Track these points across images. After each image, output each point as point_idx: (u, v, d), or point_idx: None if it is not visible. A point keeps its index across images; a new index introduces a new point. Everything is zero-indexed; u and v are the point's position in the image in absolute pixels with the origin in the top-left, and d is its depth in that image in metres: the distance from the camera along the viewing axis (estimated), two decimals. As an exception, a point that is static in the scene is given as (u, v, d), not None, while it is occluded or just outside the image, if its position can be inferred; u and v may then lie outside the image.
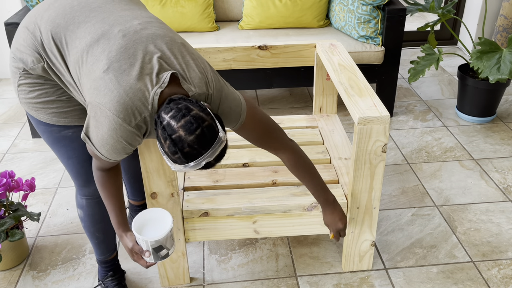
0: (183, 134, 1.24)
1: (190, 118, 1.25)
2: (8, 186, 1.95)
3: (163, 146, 1.28)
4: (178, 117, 1.25)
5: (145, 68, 1.31)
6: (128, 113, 1.30)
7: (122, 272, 1.93)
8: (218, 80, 1.44)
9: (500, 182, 2.52)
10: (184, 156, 1.26)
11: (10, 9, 3.48)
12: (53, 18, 1.41)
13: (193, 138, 1.24)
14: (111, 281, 1.89)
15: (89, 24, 1.38)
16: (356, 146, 1.68)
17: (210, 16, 3.04)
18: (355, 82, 1.85)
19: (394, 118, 3.14)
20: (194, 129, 1.24)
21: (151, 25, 1.40)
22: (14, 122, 3.15)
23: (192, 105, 1.28)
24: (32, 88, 1.49)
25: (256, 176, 1.95)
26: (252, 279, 1.97)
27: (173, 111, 1.26)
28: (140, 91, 1.30)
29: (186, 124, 1.24)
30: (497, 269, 2.01)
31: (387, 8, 2.80)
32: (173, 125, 1.25)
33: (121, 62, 1.31)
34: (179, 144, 1.25)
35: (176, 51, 1.37)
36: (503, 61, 2.63)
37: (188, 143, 1.24)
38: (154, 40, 1.36)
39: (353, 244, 1.91)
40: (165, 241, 1.46)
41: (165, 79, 1.31)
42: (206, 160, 1.28)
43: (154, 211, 1.53)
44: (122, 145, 1.34)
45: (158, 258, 1.49)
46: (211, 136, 1.27)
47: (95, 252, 1.85)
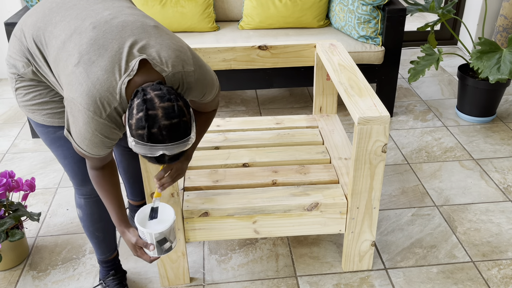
0: (160, 114, 1.22)
1: (175, 105, 1.24)
2: (8, 186, 1.95)
3: (131, 116, 1.25)
4: (165, 98, 1.24)
5: (115, 58, 1.30)
6: (97, 105, 1.29)
7: (123, 272, 1.93)
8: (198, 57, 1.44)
9: (500, 182, 2.53)
10: (148, 135, 1.23)
11: (10, 9, 3.48)
12: (34, 22, 1.44)
13: (167, 123, 1.23)
14: (112, 280, 1.89)
15: (64, 22, 1.39)
16: (356, 146, 1.68)
17: (210, 16, 3.04)
18: (355, 82, 1.85)
19: (394, 118, 3.14)
20: (173, 116, 1.23)
21: (121, 13, 1.39)
22: (14, 122, 3.15)
23: (180, 98, 1.28)
24: (27, 91, 1.52)
25: (256, 176, 1.95)
26: (252, 279, 1.97)
27: (161, 91, 1.25)
28: (108, 82, 1.28)
29: (169, 108, 1.23)
30: (497, 269, 2.01)
31: (387, 8, 2.80)
32: (155, 102, 1.23)
33: (90, 54, 1.30)
34: (150, 122, 1.22)
35: (148, 34, 1.36)
36: (503, 61, 2.63)
37: (160, 125, 1.22)
38: (124, 27, 1.35)
39: (353, 244, 1.91)
40: (168, 233, 1.46)
41: (133, 67, 1.30)
42: (164, 151, 1.25)
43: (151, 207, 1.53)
44: (99, 139, 1.34)
45: (162, 251, 1.49)
46: (184, 132, 1.26)
47: (96, 252, 1.86)
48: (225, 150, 2.11)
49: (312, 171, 1.98)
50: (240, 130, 2.27)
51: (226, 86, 2.93)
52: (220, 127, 2.29)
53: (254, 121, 2.34)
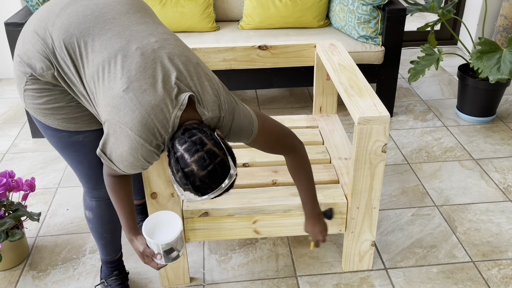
0: (195, 169, 1.27)
1: (203, 154, 1.27)
2: (8, 186, 1.95)
3: (174, 175, 1.31)
4: (192, 151, 1.27)
5: (165, 89, 1.31)
6: (150, 134, 1.31)
7: (126, 273, 1.93)
8: (230, 100, 1.44)
9: (500, 182, 2.53)
10: (195, 188, 1.29)
11: (10, 9, 3.48)
12: (66, 26, 1.37)
13: (205, 173, 1.27)
14: (115, 280, 1.89)
15: (105, 37, 1.35)
16: (356, 146, 1.68)
17: (210, 16, 3.04)
18: (355, 82, 1.85)
19: (394, 118, 3.14)
20: (206, 165, 1.27)
21: (167, 43, 1.39)
22: (14, 122, 3.15)
23: (206, 138, 1.30)
24: (40, 94, 1.45)
25: (256, 176, 1.95)
26: (252, 279, 1.97)
27: (187, 144, 1.28)
28: (162, 113, 1.30)
29: (199, 159, 1.27)
30: (497, 269, 2.01)
31: (387, 8, 2.80)
32: (186, 159, 1.27)
33: (141, 82, 1.30)
34: (190, 178, 1.28)
35: (192, 71, 1.37)
36: (503, 61, 2.63)
37: (200, 177, 1.27)
38: (172, 59, 1.35)
39: (353, 244, 1.91)
40: (175, 243, 1.47)
41: (183, 101, 1.31)
42: (215, 194, 1.32)
43: (164, 214, 1.54)
44: (141, 163, 1.36)
45: (169, 260, 1.50)
46: (222, 172, 1.30)
47: (101, 252, 1.85)
48: (225, 150, 2.11)
49: (312, 171, 1.98)
50: (240, 130, 2.27)
51: (226, 86, 2.93)
52: (220, 127, 2.29)
53: (254, 121, 2.34)
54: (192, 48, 2.21)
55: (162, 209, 1.75)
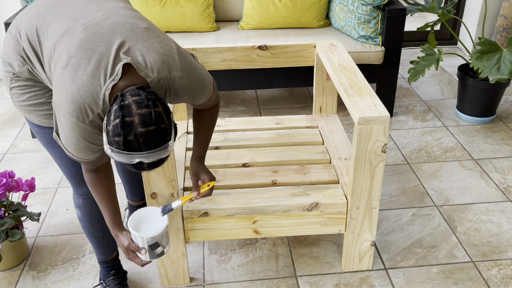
0: (136, 121, 1.19)
1: (152, 112, 1.21)
2: (8, 186, 1.95)
3: (109, 122, 1.22)
4: (142, 104, 1.20)
5: (101, 62, 1.27)
6: (80, 111, 1.26)
7: (124, 272, 1.93)
8: (186, 60, 1.39)
9: (500, 182, 2.53)
10: (124, 143, 1.21)
11: (10, 9, 3.48)
12: (29, 20, 1.41)
13: (143, 131, 1.20)
14: (113, 280, 1.89)
15: (58, 21, 1.36)
16: (356, 146, 1.68)
17: (210, 16, 3.04)
18: (355, 82, 1.85)
19: (394, 118, 3.14)
20: (150, 123, 1.20)
21: (113, 15, 1.36)
22: (14, 122, 3.15)
23: (160, 103, 1.24)
24: (22, 91, 1.49)
25: (256, 176, 1.95)
26: (252, 279, 1.97)
27: (140, 97, 1.21)
28: (92, 87, 1.26)
29: (146, 114, 1.20)
30: (497, 269, 2.01)
31: (387, 8, 2.80)
32: (132, 108, 1.20)
33: (78, 57, 1.28)
34: (126, 129, 1.20)
35: (137, 37, 1.32)
36: (503, 61, 2.63)
37: (136, 133, 1.20)
38: (114, 29, 1.31)
39: (353, 244, 1.91)
40: (160, 238, 1.46)
41: (118, 71, 1.26)
42: (141, 159, 1.23)
43: (150, 209, 1.53)
44: (83, 144, 1.32)
45: (154, 255, 1.48)
46: (161, 139, 1.23)
47: (96, 252, 1.85)
48: (225, 150, 2.11)
49: (312, 171, 1.98)
50: (240, 130, 2.27)
51: (226, 86, 2.93)
52: (220, 127, 2.29)
53: (254, 121, 2.34)
54: (192, 48, 2.21)
55: (162, 209, 1.75)
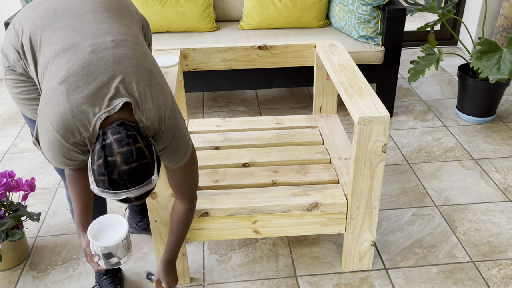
0: (119, 160, 1.20)
1: (133, 149, 1.21)
2: (8, 186, 1.95)
3: (93, 162, 1.23)
4: (123, 143, 1.21)
5: (101, 90, 1.26)
6: (67, 131, 1.26)
7: (116, 271, 1.93)
8: (176, 119, 1.39)
9: (500, 182, 2.53)
10: (109, 182, 1.22)
11: (10, 9, 3.48)
12: (35, 19, 1.39)
13: (126, 169, 1.21)
14: (105, 280, 1.90)
15: (65, 31, 1.34)
16: (356, 146, 1.68)
17: (210, 16, 3.04)
18: (355, 82, 1.85)
19: (394, 118, 3.14)
20: (131, 161, 1.21)
21: (124, 44, 1.34)
22: (14, 122, 3.15)
23: (141, 138, 1.24)
24: (16, 84, 1.50)
25: (256, 176, 1.95)
26: (252, 279, 1.97)
27: (120, 135, 1.22)
28: (85, 113, 1.25)
29: (127, 152, 1.21)
30: (497, 269, 2.01)
31: (387, 8, 2.80)
32: (113, 148, 1.21)
33: (78, 77, 1.26)
34: (109, 168, 1.20)
35: (141, 77, 1.31)
36: (503, 61, 2.63)
37: (119, 171, 1.21)
38: (120, 61, 1.30)
39: (353, 244, 1.91)
40: (115, 250, 1.43)
41: (116, 105, 1.26)
42: (128, 195, 1.24)
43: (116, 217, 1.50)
44: (60, 159, 1.31)
45: (109, 264, 1.46)
46: (144, 175, 1.23)
47: None
48: (225, 150, 2.11)
49: (312, 171, 1.98)
50: (240, 130, 2.27)
51: (226, 86, 2.94)
52: (220, 127, 2.29)
53: (254, 121, 2.34)
54: (192, 48, 2.21)
55: (162, 209, 1.75)
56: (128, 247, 1.47)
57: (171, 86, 1.83)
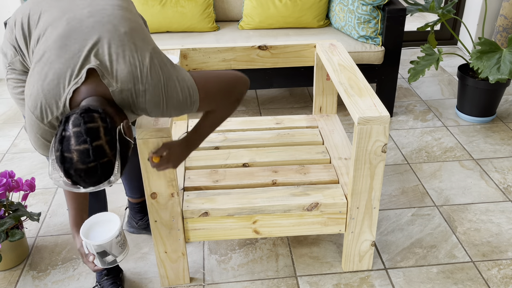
0: (75, 158, 1.16)
1: (90, 148, 1.15)
2: (8, 186, 1.95)
3: (53, 150, 1.20)
4: (81, 140, 1.15)
5: (71, 61, 1.23)
6: (40, 111, 1.24)
7: (117, 271, 1.93)
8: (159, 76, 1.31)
9: (500, 182, 2.53)
10: (66, 175, 1.18)
11: (10, 9, 3.48)
12: (25, 8, 1.39)
13: (83, 168, 1.16)
14: (106, 280, 1.90)
15: (49, 12, 1.33)
16: (356, 146, 1.68)
17: (210, 16, 3.04)
18: (355, 82, 1.85)
19: (394, 118, 3.14)
20: (88, 161, 1.16)
21: (99, 13, 1.31)
22: (14, 122, 3.15)
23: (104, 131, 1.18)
24: (16, 84, 1.50)
25: (256, 176, 1.95)
26: (252, 279, 1.97)
27: (80, 129, 1.16)
28: (56, 89, 1.22)
29: (84, 152, 1.15)
30: (497, 269, 2.01)
31: (387, 8, 2.80)
32: (71, 144, 1.16)
33: (51, 52, 1.24)
34: (66, 164, 1.17)
35: (112, 40, 1.27)
36: (503, 61, 2.63)
37: (76, 169, 1.17)
38: (93, 28, 1.27)
39: (353, 244, 1.91)
40: (109, 247, 1.41)
41: (82, 75, 1.23)
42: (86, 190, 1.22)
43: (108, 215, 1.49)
44: (41, 141, 1.30)
45: (105, 263, 1.44)
46: (103, 174, 1.19)
47: None
48: (225, 150, 2.11)
49: (312, 171, 1.98)
50: (240, 130, 2.27)
51: (226, 86, 2.93)
52: (220, 127, 2.29)
53: (254, 121, 2.34)
54: (192, 48, 2.21)
55: (162, 209, 1.75)
56: (123, 245, 1.45)
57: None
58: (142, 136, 1.59)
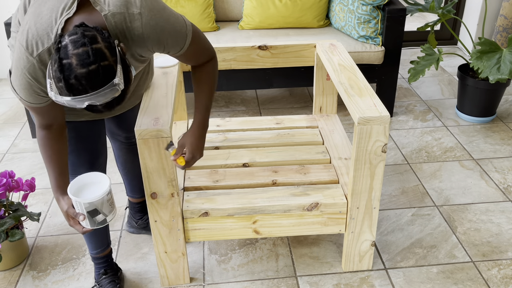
0: (74, 62, 1.12)
1: (89, 50, 1.12)
2: (8, 186, 1.95)
3: (52, 68, 1.16)
4: (79, 43, 1.12)
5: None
6: (31, 42, 1.23)
7: (116, 270, 1.93)
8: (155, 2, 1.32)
9: (500, 182, 2.52)
10: (67, 87, 1.14)
11: (10, 9, 3.48)
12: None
13: (83, 72, 1.12)
14: (105, 279, 1.90)
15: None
16: (356, 146, 1.68)
17: (210, 16, 3.04)
18: (355, 82, 1.85)
19: (394, 118, 3.14)
20: (88, 63, 1.12)
21: None
22: (14, 122, 3.15)
23: (101, 38, 1.16)
24: None
25: (256, 176, 1.95)
26: (252, 279, 1.97)
27: (76, 36, 1.13)
28: (49, 20, 1.23)
29: (83, 54, 1.12)
30: (497, 269, 2.01)
31: (387, 8, 2.80)
32: (69, 49, 1.12)
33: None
34: (66, 72, 1.12)
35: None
36: (503, 61, 2.63)
37: (76, 75, 1.12)
38: None
39: (353, 244, 1.91)
40: (100, 205, 1.39)
41: (74, 6, 1.23)
42: (90, 102, 1.16)
43: (97, 175, 1.47)
44: (27, 80, 1.27)
45: (95, 223, 1.42)
46: (104, 77, 1.14)
47: (88, 247, 1.86)
48: (225, 150, 2.11)
49: (312, 171, 1.98)
50: (240, 130, 2.27)
51: (226, 86, 2.93)
52: (220, 127, 2.29)
53: (254, 121, 2.34)
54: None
55: (162, 209, 1.75)
56: (112, 203, 1.44)
57: (171, 86, 1.83)
58: (142, 136, 1.59)
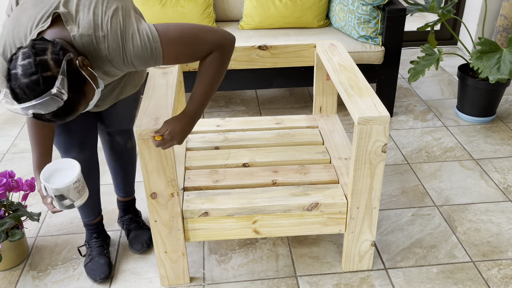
0: (19, 72, 1.22)
1: (32, 61, 1.22)
2: (8, 186, 1.95)
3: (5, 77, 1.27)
4: (26, 54, 1.22)
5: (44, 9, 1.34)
6: (6, 48, 1.35)
7: (106, 236, 2.06)
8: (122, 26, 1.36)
9: (500, 182, 2.52)
10: (14, 96, 1.23)
11: (10, 9, 3.48)
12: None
13: (26, 81, 1.21)
14: (95, 242, 2.02)
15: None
16: (356, 146, 1.68)
17: (210, 16, 3.04)
18: (355, 82, 1.85)
19: (394, 118, 3.14)
20: (30, 73, 1.21)
21: None
22: (14, 122, 3.15)
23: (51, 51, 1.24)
24: None
25: (256, 176, 1.95)
26: (252, 279, 1.97)
27: (27, 49, 1.23)
28: (25, 31, 1.34)
29: (27, 65, 1.22)
30: (497, 269, 2.01)
31: (387, 8, 2.80)
32: (18, 61, 1.23)
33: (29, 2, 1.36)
34: (12, 81, 1.23)
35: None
36: (503, 61, 2.63)
37: (20, 84, 1.22)
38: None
39: (353, 244, 1.91)
40: (67, 192, 1.45)
41: (48, 20, 1.33)
42: (35, 111, 1.24)
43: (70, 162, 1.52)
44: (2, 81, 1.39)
45: (62, 206, 1.49)
46: (44, 88, 1.22)
47: (81, 215, 2.00)
48: (225, 150, 2.11)
49: (312, 171, 1.98)
50: (240, 130, 2.27)
51: (226, 86, 2.93)
52: (220, 127, 2.29)
53: (254, 121, 2.34)
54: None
55: (162, 209, 1.75)
56: (81, 191, 1.49)
57: (171, 86, 1.83)
58: (142, 136, 1.59)
